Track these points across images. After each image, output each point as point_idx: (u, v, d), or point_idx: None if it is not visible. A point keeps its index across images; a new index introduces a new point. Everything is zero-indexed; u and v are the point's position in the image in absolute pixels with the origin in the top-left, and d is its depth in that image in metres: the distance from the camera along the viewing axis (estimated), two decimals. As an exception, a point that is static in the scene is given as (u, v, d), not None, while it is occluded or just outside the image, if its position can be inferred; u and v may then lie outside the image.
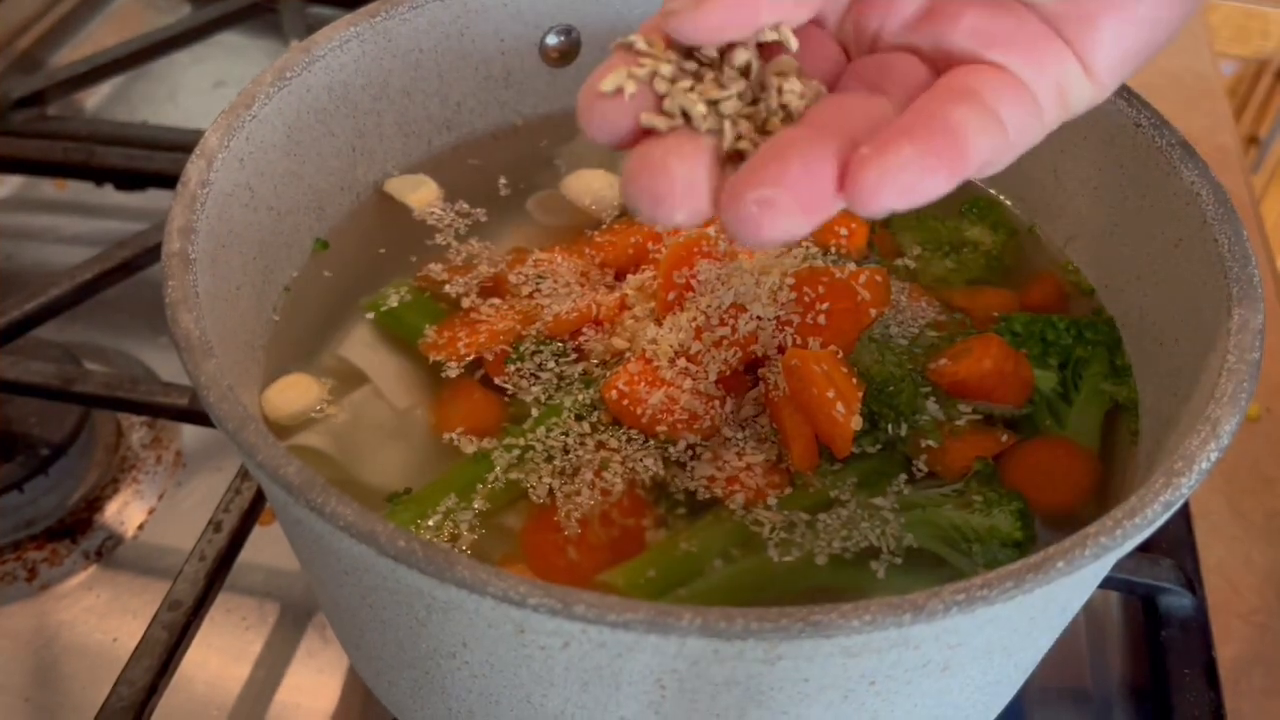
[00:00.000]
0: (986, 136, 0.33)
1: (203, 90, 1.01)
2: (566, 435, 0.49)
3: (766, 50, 0.37)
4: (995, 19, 0.35)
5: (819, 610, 0.34)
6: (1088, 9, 0.35)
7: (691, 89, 0.35)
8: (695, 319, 0.50)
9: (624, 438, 0.49)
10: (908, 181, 0.31)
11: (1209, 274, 0.47)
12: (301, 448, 0.50)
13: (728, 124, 0.34)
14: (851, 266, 0.54)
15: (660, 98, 0.34)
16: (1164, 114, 0.53)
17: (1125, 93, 0.54)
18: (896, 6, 0.38)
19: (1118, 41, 0.35)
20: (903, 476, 0.49)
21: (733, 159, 0.34)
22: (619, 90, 0.34)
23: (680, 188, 0.33)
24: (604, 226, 0.60)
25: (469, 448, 0.50)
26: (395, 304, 0.55)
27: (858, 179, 0.31)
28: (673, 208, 0.33)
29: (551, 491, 0.48)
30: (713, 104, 0.34)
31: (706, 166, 0.33)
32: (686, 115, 0.34)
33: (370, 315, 0.55)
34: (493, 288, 0.56)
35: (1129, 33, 0.35)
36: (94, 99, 0.99)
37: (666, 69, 0.35)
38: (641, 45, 0.35)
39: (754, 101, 0.35)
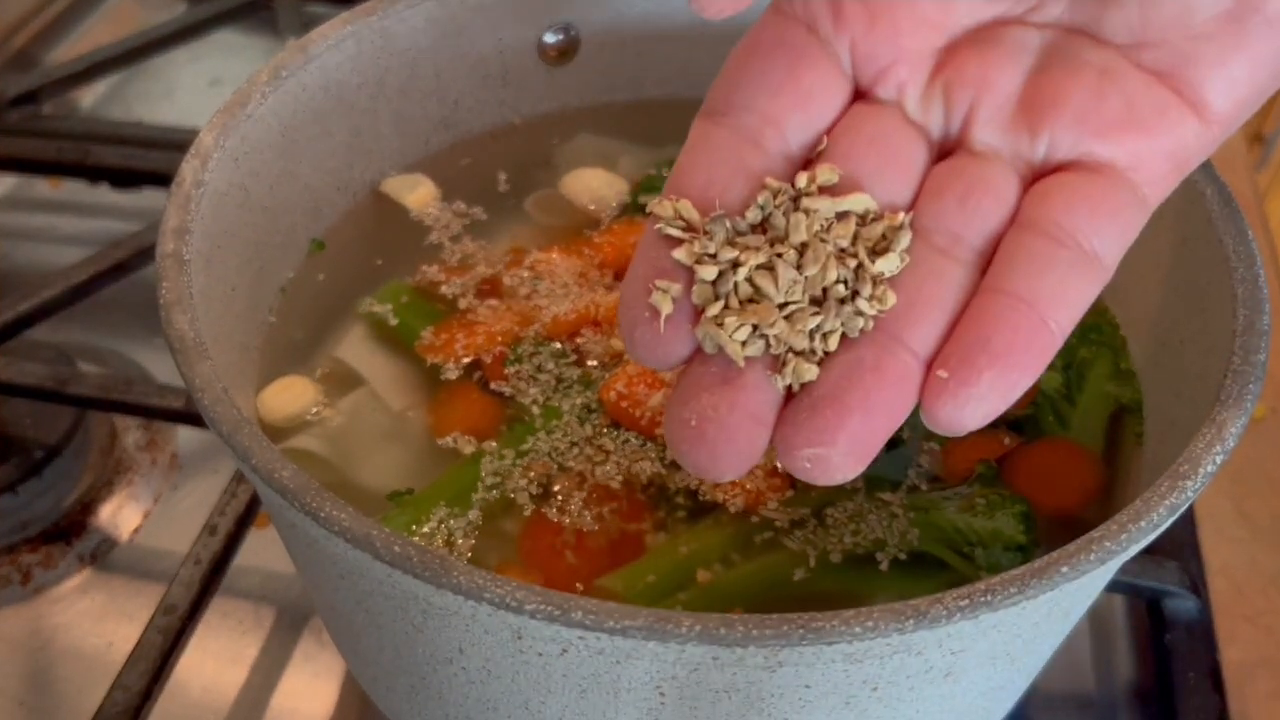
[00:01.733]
0: (1077, 294, 0.31)
1: (198, 88, 1.00)
2: (565, 438, 0.49)
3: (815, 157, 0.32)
4: (1103, 96, 0.31)
5: (820, 616, 0.33)
6: (1205, 54, 0.30)
7: (726, 307, 0.31)
8: (695, 320, 0.50)
9: (623, 440, 0.49)
10: (989, 409, 0.30)
11: (1214, 274, 0.46)
12: (297, 450, 0.50)
13: (782, 370, 0.31)
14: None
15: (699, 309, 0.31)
16: (1168, 112, 0.52)
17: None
18: (993, 82, 0.32)
19: (1238, 82, 0.31)
20: (905, 479, 0.48)
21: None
22: (654, 312, 0.31)
23: (722, 453, 0.30)
24: (603, 226, 0.59)
25: (466, 450, 0.49)
26: (392, 305, 0.55)
27: (935, 411, 0.30)
28: (721, 473, 0.31)
29: (550, 495, 0.47)
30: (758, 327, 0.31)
31: (749, 423, 0.30)
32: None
33: (366, 316, 0.55)
34: (490, 288, 0.55)
35: (1250, 70, 0.31)
36: (89, 97, 0.99)
37: (708, 271, 0.31)
38: (674, 230, 0.31)
39: (820, 297, 0.31)
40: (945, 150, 0.34)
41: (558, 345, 0.52)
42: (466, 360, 0.52)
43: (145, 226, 0.74)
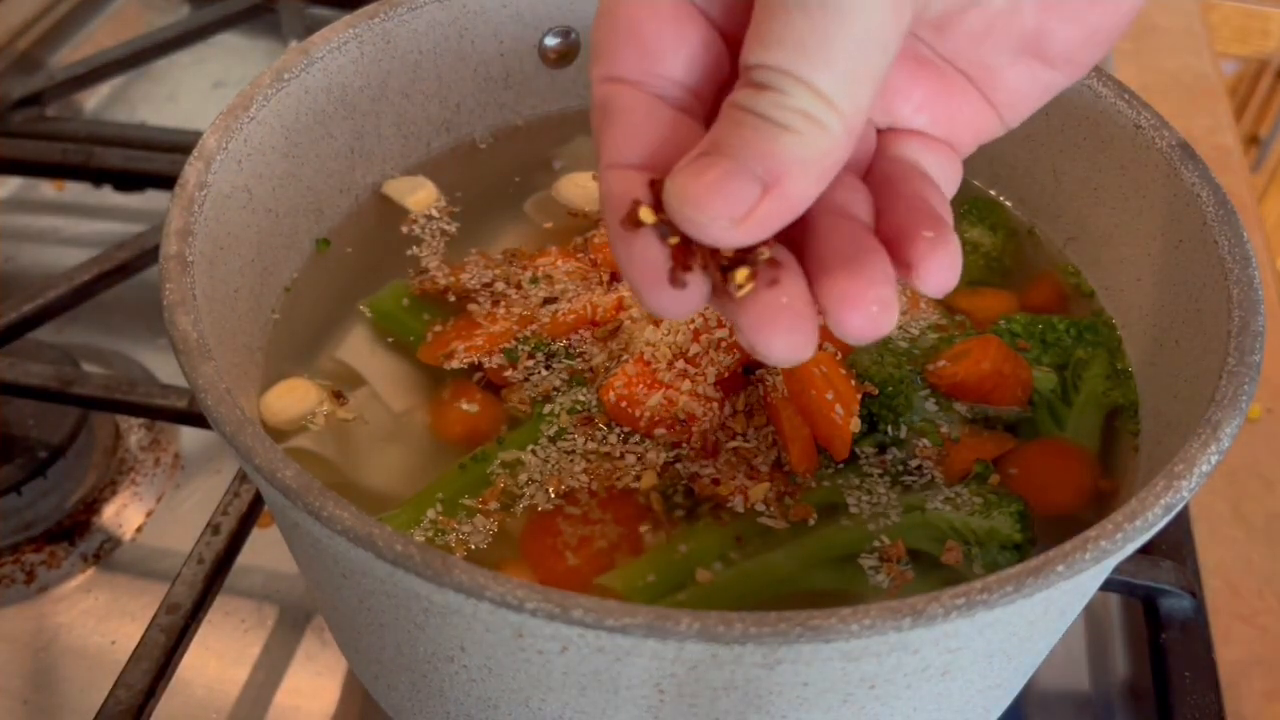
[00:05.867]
0: (946, 215, 0.36)
1: (202, 91, 1.01)
2: (565, 438, 0.49)
3: None
4: (938, 96, 0.39)
5: (818, 614, 0.33)
6: (996, 64, 0.38)
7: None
8: (693, 320, 0.50)
9: (622, 440, 0.49)
10: (960, 267, 0.34)
11: (1209, 275, 0.47)
12: (299, 451, 0.50)
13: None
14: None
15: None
16: (1164, 114, 0.53)
17: (1125, 94, 0.54)
18: None
19: (1023, 89, 0.39)
20: (901, 479, 0.48)
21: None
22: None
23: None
24: (601, 227, 0.59)
25: (466, 451, 0.49)
26: (393, 306, 0.55)
27: (932, 267, 0.34)
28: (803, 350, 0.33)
29: (550, 495, 0.48)
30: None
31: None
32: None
33: (368, 317, 0.55)
34: (490, 289, 0.56)
35: (1034, 81, 0.39)
36: (93, 100, 0.99)
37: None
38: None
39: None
40: None
41: (557, 345, 0.52)
42: (467, 361, 0.53)
43: (149, 228, 0.75)
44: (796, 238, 0.34)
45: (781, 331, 0.32)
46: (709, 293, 0.33)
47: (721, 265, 0.33)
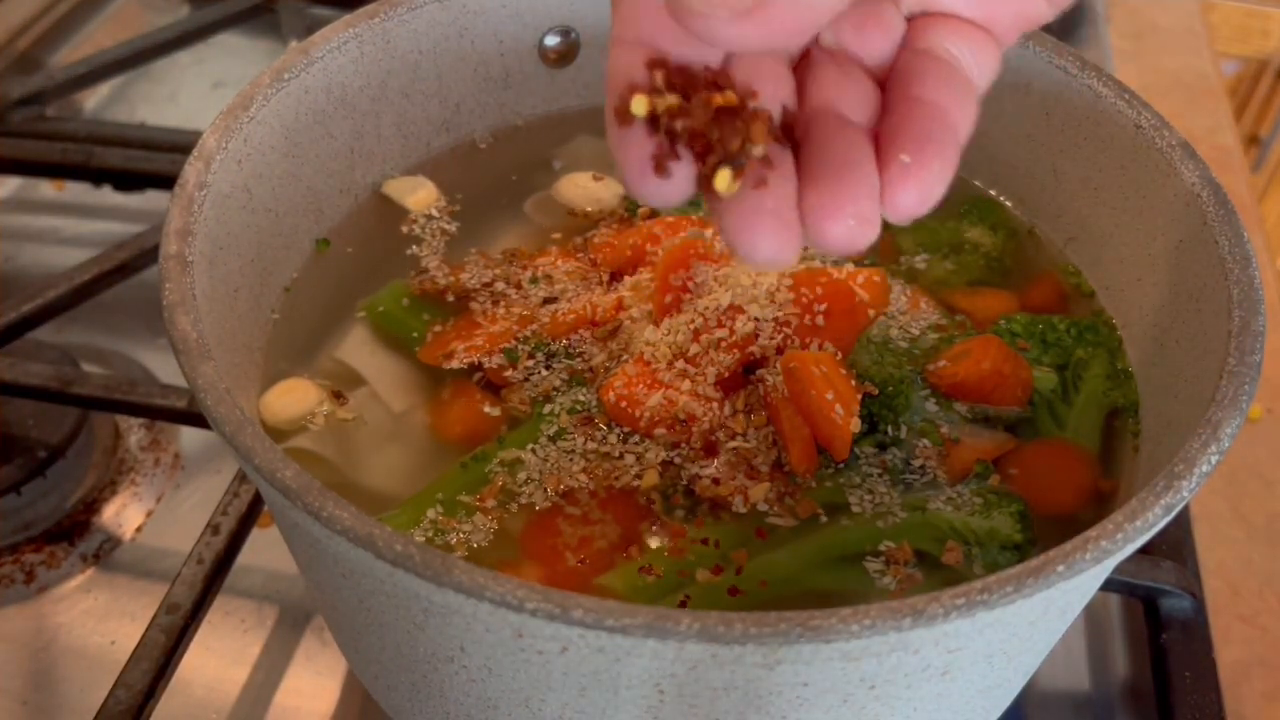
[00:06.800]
0: (970, 111, 0.35)
1: (201, 91, 1.01)
2: (564, 438, 0.49)
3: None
4: None
5: (818, 615, 0.33)
6: None
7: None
8: (693, 321, 0.50)
9: (622, 440, 0.49)
10: (938, 192, 0.33)
11: (1210, 275, 0.47)
12: (299, 450, 0.50)
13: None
14: (849, 267, 0.53)
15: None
16: (1164, 113, 0.53)
17: (1126, 93, 0.54)
18: None
19: None
20: (902, 478, 0.48)
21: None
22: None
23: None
24: (601, 228, 0.59)
25: (466, 451, 0.49)
26: (393, 306, 0.55)
27: (902, 194, 0.33)
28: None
29: (549, 494, 0.48)
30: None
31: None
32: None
33: (367, 317, 0.55)
34: (490, 289, 0.56)
35: None
36: (93, 100, 0.99)
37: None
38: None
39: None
40: None
41: (557, 345, 0.52)
42: (467, 361, 0.52)
43: (148, 228, 0.75)
44: (800, 141, 0.34)
45: (762, 235, 0.32)
46: (693, 184, 0.33)
47: (710, 162, 0.32)
